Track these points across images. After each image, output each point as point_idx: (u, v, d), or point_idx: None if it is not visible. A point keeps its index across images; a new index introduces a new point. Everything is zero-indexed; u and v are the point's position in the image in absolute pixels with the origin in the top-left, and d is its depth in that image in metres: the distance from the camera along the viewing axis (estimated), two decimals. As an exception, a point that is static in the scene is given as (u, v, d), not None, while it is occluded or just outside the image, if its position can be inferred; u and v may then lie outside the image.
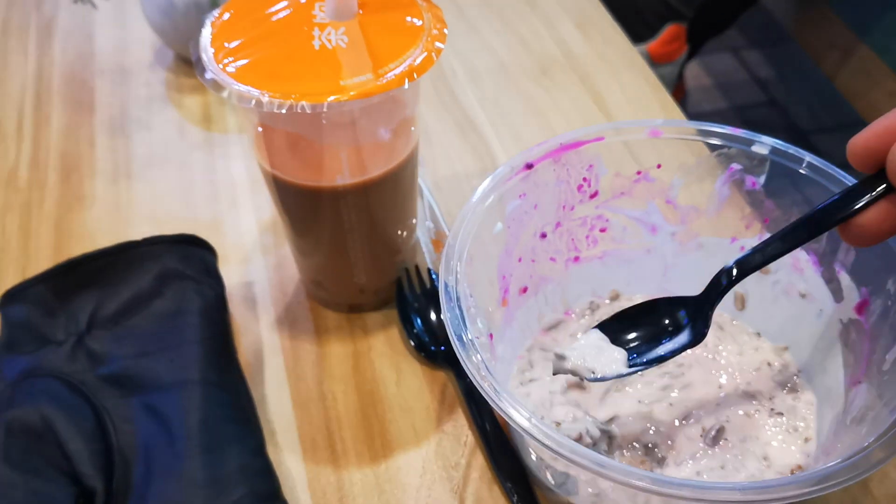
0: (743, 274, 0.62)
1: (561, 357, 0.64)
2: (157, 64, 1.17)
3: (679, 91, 2.14)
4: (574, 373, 0.63)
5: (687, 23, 1.93)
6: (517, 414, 0.55)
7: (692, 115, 0.90)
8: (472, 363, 0.58)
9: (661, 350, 0.64)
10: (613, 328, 0.65)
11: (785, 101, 2.57)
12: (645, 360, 0.64)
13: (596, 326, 0.65)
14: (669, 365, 0.74)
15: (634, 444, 0.69)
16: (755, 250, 0.61)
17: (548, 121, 1.06)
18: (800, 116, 2.53)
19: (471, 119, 1.07)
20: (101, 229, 0.94)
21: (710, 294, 0.64)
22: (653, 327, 0.66)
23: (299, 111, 0.62)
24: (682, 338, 0.64)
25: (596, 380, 0.63)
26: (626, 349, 0.64)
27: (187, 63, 1.15)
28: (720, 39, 2.15)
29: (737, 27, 2.16)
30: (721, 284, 0.63)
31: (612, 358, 0.63)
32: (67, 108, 1.10)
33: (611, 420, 0.71)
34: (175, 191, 0.98)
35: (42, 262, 0.90)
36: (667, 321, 0.65)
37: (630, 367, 0.63)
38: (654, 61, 1.92)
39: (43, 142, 1.05)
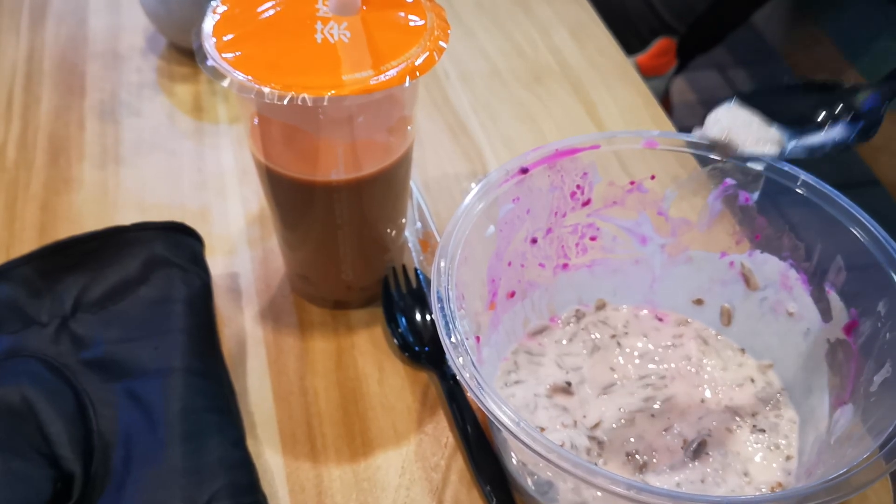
0: None
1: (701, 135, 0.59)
2: (150, 51, 1.16)
3: (665, 105, 2.15)
4: (716, 145, 0.59)
5: (678, 37, 1.93)
6: (504, 415, 0.55)
7: (678, 130, 0.91)
8: (459, 363, 0.57)
9: (821, 138, 0.59)
10: (755, 103, 0.61)
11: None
12: (803, 145, 0.59)
13: (736, 97, 0.61)
14: (652, 376, 0.75)
15: (616, 451, 0.69)
16: None
17: (539, 127, 1.06)
18: (783, 137, 2.53)
19: (462, 122, 1.07)
20: (88, 213, 0.93)
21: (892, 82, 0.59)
22: (803, 112, 0.60)
23: (300, 104, 0.62)
24: (846, 129, 0.59)
25: (744, 157, 0.59)
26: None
27: (180, 51, 1.15)
28: (707, 56, 2.15)
29: (725, 45, 2.16)
30: None
31: (765, 135, 0.59)
32: (58, 90, 1.09)
33: (596, 426, 0.71)
34: (163, 178, 0.98)
35: (26, 242, 0.90)
36: (822, 108, 0.60)
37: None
38: (643, 74, 1.92)
39: (32, 123, 1.04)
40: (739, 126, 0.59)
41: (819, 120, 0.60)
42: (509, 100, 1.10)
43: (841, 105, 0.60)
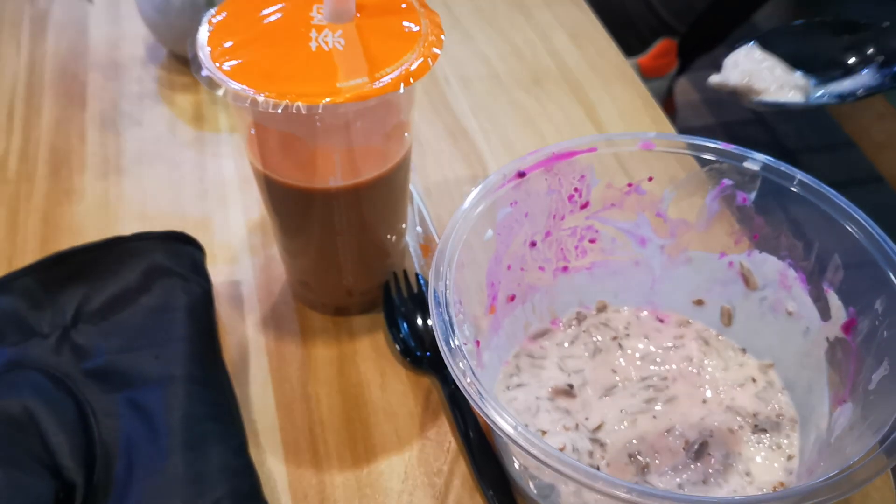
0: None
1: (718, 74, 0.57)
2: (150, 61, 1.16)
3: (669, 106, 2.14)
4: (736, 91, 0.57)
5: (679, 38, 1.93)
6: (503, 421, 0.55)
7: (681, 131, 0.90)
8: (458, 369, 0.57)
9: (850, 84, 0.55)
10: (777, 45, 0.57)
11: (773, 119, 2.58)
12: (831, 92, 0.55)
13: (755, 40, 0.57)
14: (653, 378, 0.75)
15: (618, 453, 0.69)
16: None
17: (539, 130, 1.06)
18: (787, 135, 2.53)
19: (462, 126, 1.07)
20: (89, 224, 0.94)
21: None
22: (830, 55, 0.56)
23: (294, 112, 0.62)
24: (878, 74, 0.55)
25: (765, 103, 0.56)
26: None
27: (180, 61, 1.15)
28: (710, 55, 2.15)
29: (727, 44, 2.16)
30: None
31: (788, 80, 0.55)
32: (59, 101, 1.10)
33: (598, 428, 0.71)
34: (164, 188, 0.98)
35: (28, 254, 0.90)
36: (851, 51, 0.56)
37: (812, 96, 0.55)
38: (645, 75, 1.92)
39: (33, 134, 1.05)
40: (761, 70, 0.57)
41: (848, 64, 0.56)
42: (509, 103, 1.11)
43: (872, 48, 0.57)
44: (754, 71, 0.57)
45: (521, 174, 0.70)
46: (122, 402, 0.71)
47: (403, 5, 0.71)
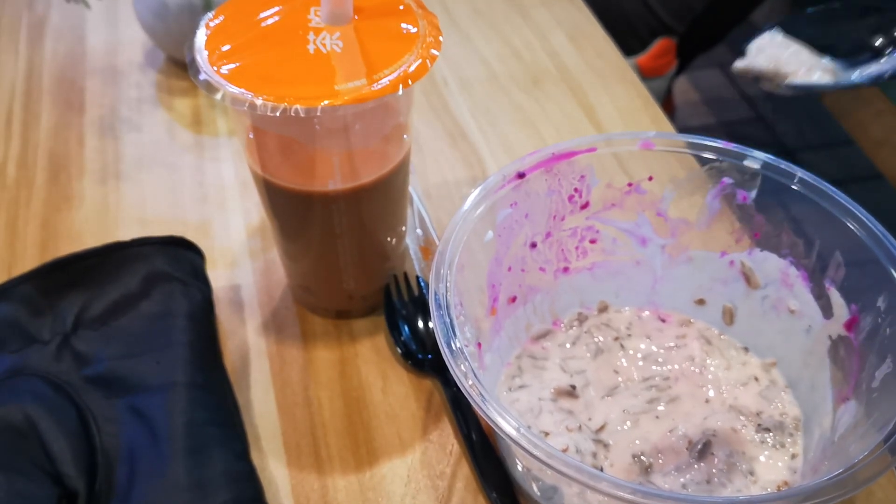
0: None
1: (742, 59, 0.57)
2: (148, 65, 1.16)
3: (668, 105, 2.15)
4: (763, 76, 0.57)
5: (678, 38, 1.93)
6: (505, 423, 0.55)
7: (680, 130, 0.90)
8: (460, 371, 0.57)
9: (885, 66, 0.55)
10: (800, 31, 0.58)
11: (772, 117, 2.58)
12: (862, 73, 0.55)
13: (778, 25, 0.58)
14: (656, 378, 0.74)
15: (621, 454, 0.69)
16: None
17: (538, 131, 1.06)
18: (787, 133, 2.53)
19: (461, 128, 1.07)
20: (89, 230, 0.93)
21: None
22: (856, 38, 0.56)
23: (293, 115, 0.62)
24: None
25: (795, 86, 0.56)
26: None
27: (178, 65, 1.15)
28: (709, 55, 2.16)
29: (726, 43, 2.17)
30: None
31: (816, 63, 0.55)
32: (57, 107, 1.10)
33: (601, 429, 0.70)
34: (164, 193, 0.98)
35: (28, 261, 0.90)
36: (879, 34, 0.56)
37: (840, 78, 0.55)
38: (644, 75, 1.92)
39: (32, 140, 1.05)
40: (787, 54, 0.57)
41: (875, 46, 0.57)
42: (508, 104, 1.10)
43: (882, 31, 0.57)
44: (780, 55, 0.57)
45: (521, 175, 0.70)
46: (123, 408, 0.71)
47: (401, 7, 0.71)
